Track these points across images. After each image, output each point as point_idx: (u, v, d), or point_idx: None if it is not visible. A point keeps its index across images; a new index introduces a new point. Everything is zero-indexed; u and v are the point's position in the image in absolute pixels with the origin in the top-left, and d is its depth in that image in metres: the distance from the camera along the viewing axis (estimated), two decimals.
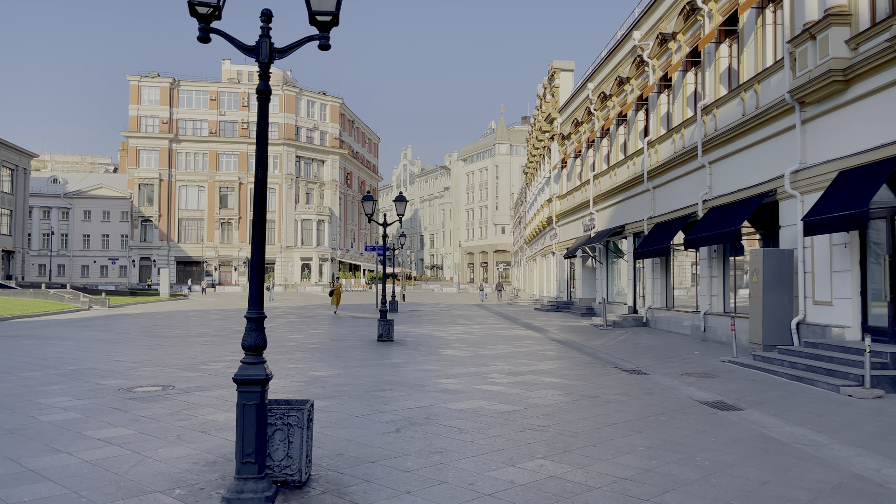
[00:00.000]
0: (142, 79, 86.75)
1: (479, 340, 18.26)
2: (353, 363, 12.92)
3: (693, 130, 18.97)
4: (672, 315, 20.83)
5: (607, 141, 28.74)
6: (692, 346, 16.44)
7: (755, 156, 15.43)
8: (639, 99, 23.91)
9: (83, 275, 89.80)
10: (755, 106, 15.31)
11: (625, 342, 17.86)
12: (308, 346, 16.31)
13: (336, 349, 15.57)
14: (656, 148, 21.98)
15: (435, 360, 13.57)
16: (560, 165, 36.84)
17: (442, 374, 11.54)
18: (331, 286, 31.47)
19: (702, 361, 13.68)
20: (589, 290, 32.16)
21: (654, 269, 22.34)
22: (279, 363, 12.87)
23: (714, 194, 17.62)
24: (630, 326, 22.67)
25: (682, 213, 19.62)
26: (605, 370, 12.48)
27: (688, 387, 10.57)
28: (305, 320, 26.41)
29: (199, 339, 18.11)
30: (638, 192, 23.85)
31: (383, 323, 17.58)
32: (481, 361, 13.51)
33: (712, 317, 17.73)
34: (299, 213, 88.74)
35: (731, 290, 17.33)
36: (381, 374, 11.33)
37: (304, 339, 18.29)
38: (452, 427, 7.30)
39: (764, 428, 7.64)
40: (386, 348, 15.92)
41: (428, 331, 21.64)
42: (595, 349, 16.13)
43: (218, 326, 22.78)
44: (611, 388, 10.27)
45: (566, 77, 37.56)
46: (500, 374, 11.60)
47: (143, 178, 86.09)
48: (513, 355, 14.74)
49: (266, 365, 4.78)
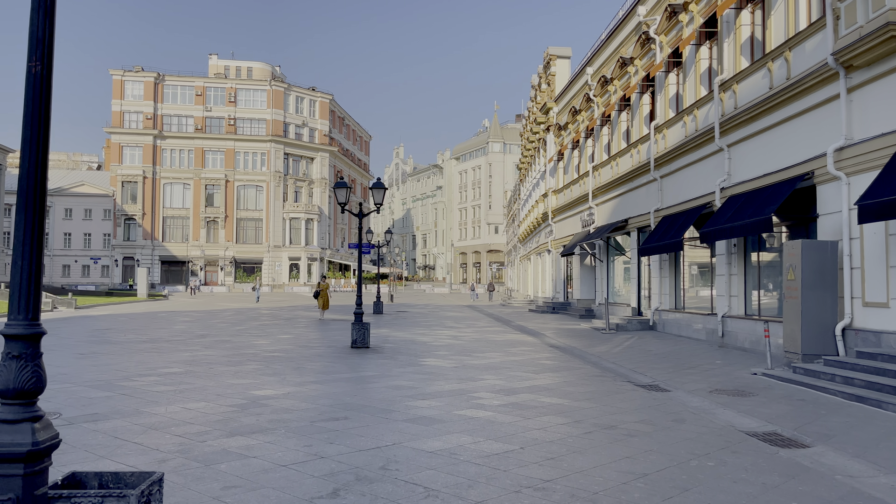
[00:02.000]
0: (125, 73, 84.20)
1: (467, 347, 16.09)
2: (311, 377, 10.72)
3: (708, 110, 16.86)
4: (682, 318, 18.71)
5: (608, 129, 26.61)
6: (711, 354, 14.31)
7: (786, 134, 13.31)
8: (644, 80, 21.79)
9: (64, 275, 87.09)
10: (785, 77, 13.20)
11: (632, 348, 15.73)
12: (268, 354, 14.09)
13: (298, 359, 13.36)
14: (664, 133, 19.86)
15: (413, 373, 11.39)
16: (556, 158, 34.69)
17: (418, 392, 9.36)
18: (317, 287, 28.09)
19: (729, 374, 11.55)
20: (587, 290, 30.02)
21: (661, 266, 20.22)
22: (222, 377, 10.65)
23: (734, 181, 15.50)
24: (635, 330, 20.54)
25: (694, 204, 17.51)
26: (616, 385, 10.34)
27: (723, 409, 8.43)
28: (280, 323, 24.18)
29: (147, 345, 15.85)
30: (643, 182, 21.73)
31: (358, 327, 15.37)
32: (468, 374, 11.33)
33: (732, 320, 15.61)
34: (287, 212, 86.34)
35: (755, 289, 15.22)
36: (341, 395, 9.13)
37: (268, 345, 16.07)
38: (417, 486, 5.09)
39: (851, 478, 5.49)
40: (358, 357, 13.72)
41: (411, 335, 19.46)
42: (600, 357, 13.98)
43: (178, 330, 20.53)
44: (629, 413, 8.12)
45: (563, 65, 35.44)
46: (490, 393, 9.43)
47: (126, 176, 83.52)
48: (506, 366, 12.57)
49: (37, 425, 2.57)
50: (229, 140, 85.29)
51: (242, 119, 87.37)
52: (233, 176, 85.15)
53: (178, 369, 11.51)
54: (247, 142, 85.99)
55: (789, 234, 14.16)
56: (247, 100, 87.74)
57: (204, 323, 23.87)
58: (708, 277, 18.32)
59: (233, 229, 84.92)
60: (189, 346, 15.53)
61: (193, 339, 17.56)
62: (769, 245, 14.93)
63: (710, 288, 17.59)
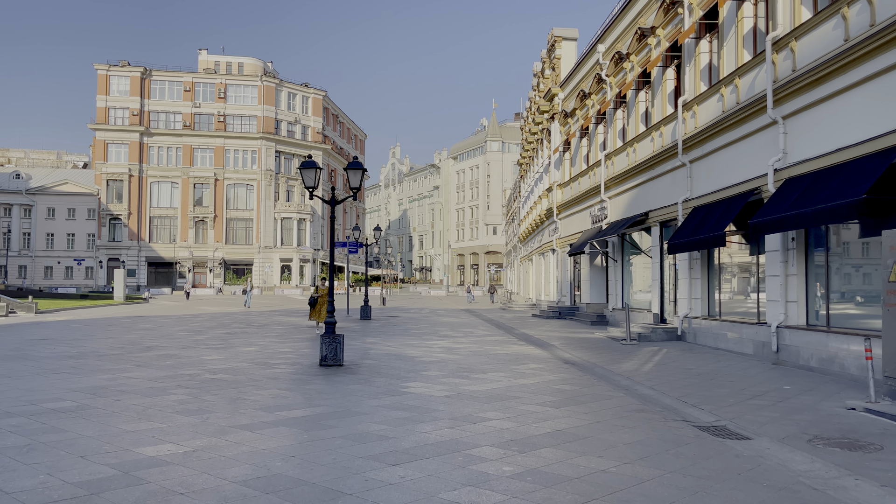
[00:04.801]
0: (110, 67, 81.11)
1: (464, 364, 13.12)
2: (244, 419, 7.73)
3: (756, 77, 13.94)
4: (719, 326, 15.77)
5: (622, 112, 23.69)
6: (769, 376, 11.36)
7: (876, 93, 10.38)
8: (668, 51, 18.88)
9: (46, 276, 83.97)
10: (869, 22, 10.29)
11: (665, 366, 12.79)
12: (209, 377, 11.10)
13: (245, 383, 10.38)
14: (694, 110, 16.94)
15: (389, 408, 8.43)
16: (562, 148, 31.75)
17: (389, 449, 6.40)
18: (313, 292, 22.06)
19: (814, 408, 8.60)
20: (598, 293, 27.08)
21: (691, 266, 17.29)
22: (118, 419, 7.66)
23: (794, 159, 12.57)
24: (660, 340, 17.60)
25: (737, 191, 14.59)
26: (670, 428, 7.38)
27: (852, 479, 5.49)
28: (250, 331, 21.19)
29: (69, 362, 12.84)
30: (667, 169, 18.81)
31: (328, 340, 12.37)
32: (465, 410, 8.37)
33: (791, 332, 12.66)
34: (279, 212, 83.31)
35: (822, 293, 12.28)
36: (272, 456, 6.13)
37: (219, 362, 13.08)
38: None
39: None
40: (323, 381, 10.74)
41: (398, 347, 16.49)
42: (630, 379, 11.04)
43: (126, 341, 17.54)
44: (717, 493, 5.16)
45: (569, 47, 32.53)
46: (497, 448, 6.47)
47: (111, 174, 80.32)
48: (513, 393, 9.61)
49: None
50: (219, 137, 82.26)
51: (232, 116, 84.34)
52: (222, 174, 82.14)
53: (70, 402, 8.52)
54: (237, 139, 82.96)
55: (881, 221, 11.21)
56: (237, 96, 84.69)
57: (163, 331, 20.87)
58: (750, 278, 15.40)
59: (222, 229, 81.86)
60: (118, 364, 12.53)
61: (134, 353, 14.57)
62: (843, 239, 12.00)
63: (756, 291, 14.66)
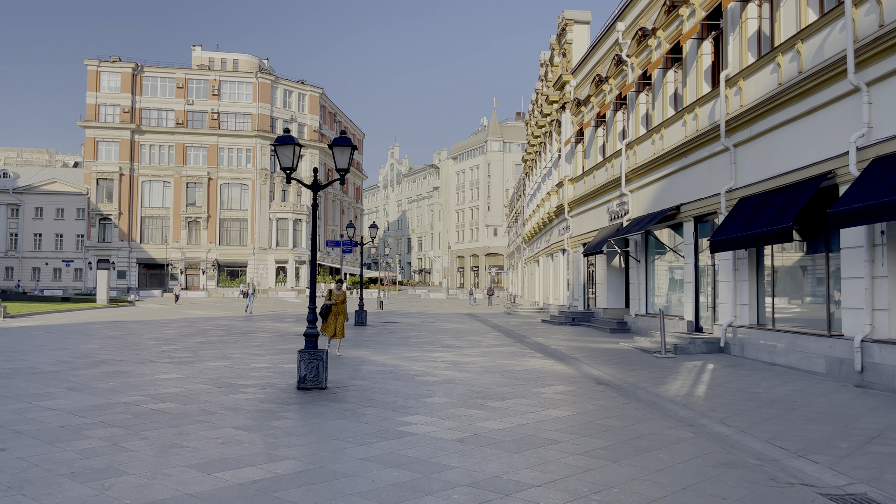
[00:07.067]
0: (101, 63, 78.63)
1: (476, 385, 10.69)
2: (161, 492, 5.31)
3: (825, 39, 11.55)
4: (775, 338, 13.34)
5: (646, 96, 21.30)
6: (867, 405, 8.94)
7: None
8: (704, 21, 16.50)
9: (34, 278, 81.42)
10: None
11: (722, 388, 10.38)
12: (153, 406, 8.66)
13: (192, 418, 7.95)
14: (740, 85, 14.56)
15: (380, 463, 6.01)
16: (574, 139, 29.34)
17: None
18: (327, 297, 14.54)
19: None
20: (615, 297, 24.66)
21: (736, 266, 14.87)
22: None
23: (882, 134, 10.17)
24: (700, 353, 15.18)
25: (802, 176, 12.19)
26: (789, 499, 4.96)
27: None
28: (230, 339, 18.75)
29: None
30: (704, 156, 16.42)
31: (309, 357, 9.93)
32: (488, 468, 5.95)
33: (882, 347, 10.23)
34: (274, 212, 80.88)
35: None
36: None
37: (173, 384, 10.62)
38: None
39: None
40: (296, 414, 8.31)
41: (396, 360, 14.06)
42: (691, 409, 8.62)
43: (79, 353, 15.10)
44: None
45: (581, 31, 30.15)
46: None
47: (101, 173, 77.74)
48: (548, 437, 7.19)
49: None
50: (212, 135, 79.82)
51: (226, 113, 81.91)
52: (216, 173, 79.71)
53: None
54: (231, 137, 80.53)
55: None
56: (231, 93, 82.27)
57: (129, 340, 18.44)
58: (808, 281, 13.01)
59: (215, 230, 79.38)
60: (46, 387, 10.09)
61: (78, 370, 12.13)
62: None
63: (825, 297, 12.24)
